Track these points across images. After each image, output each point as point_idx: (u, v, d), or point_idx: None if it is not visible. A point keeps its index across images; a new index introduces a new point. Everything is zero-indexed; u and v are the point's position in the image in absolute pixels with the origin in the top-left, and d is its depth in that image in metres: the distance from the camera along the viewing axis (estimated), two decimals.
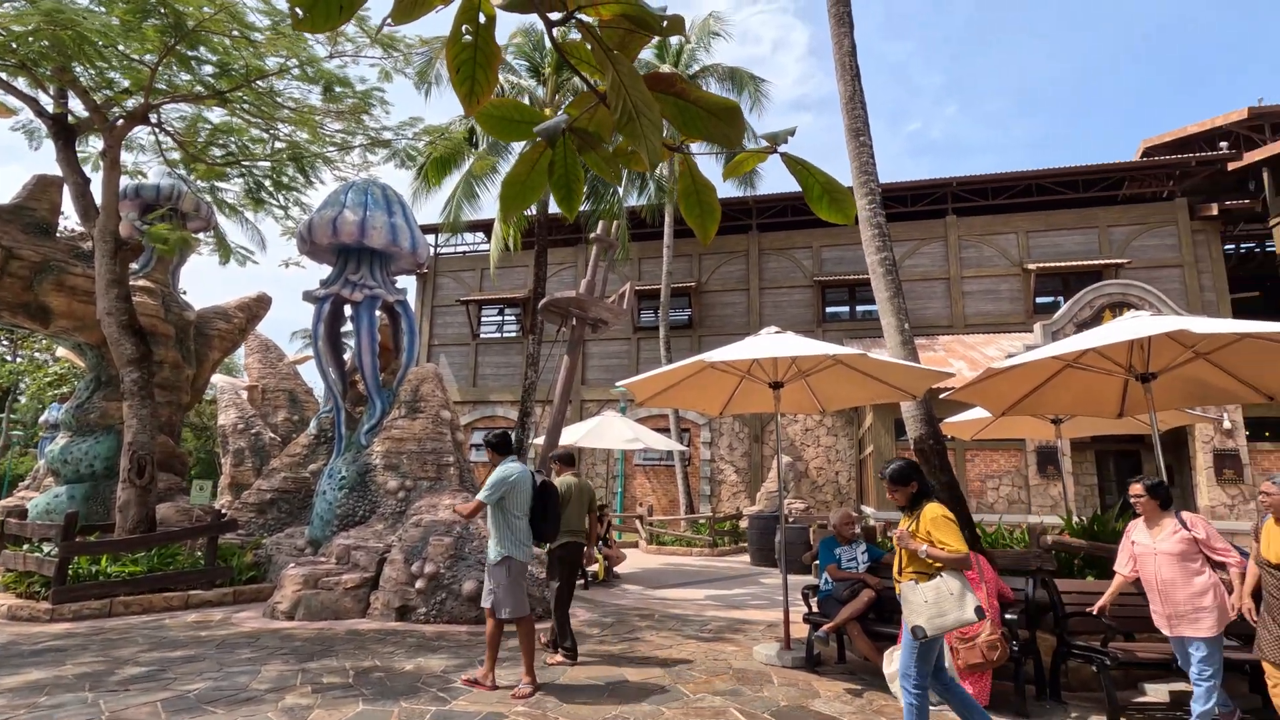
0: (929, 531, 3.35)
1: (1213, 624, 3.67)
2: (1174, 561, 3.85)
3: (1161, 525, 3.97)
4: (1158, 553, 3.92)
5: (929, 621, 3.25)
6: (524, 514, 4.59)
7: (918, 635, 3.25)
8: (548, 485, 4.68)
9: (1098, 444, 12.37)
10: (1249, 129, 16.62)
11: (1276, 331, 4.35)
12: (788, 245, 17.87)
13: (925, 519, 3.38)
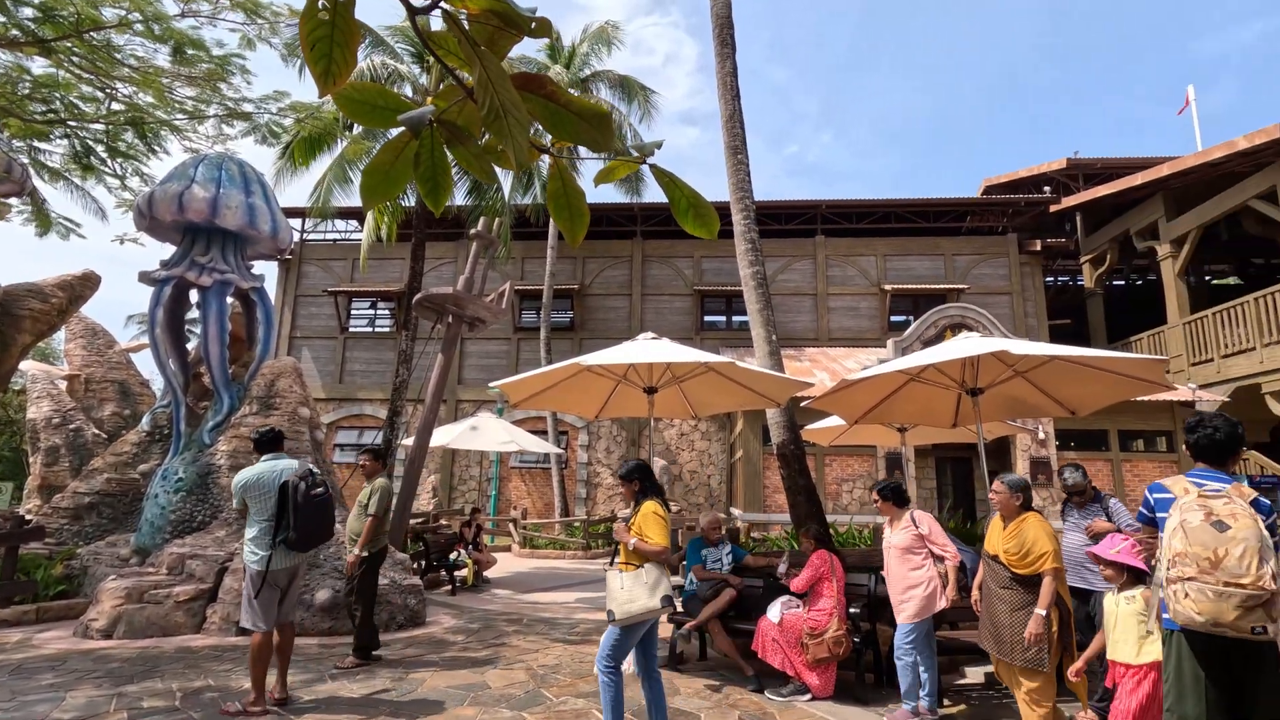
0: (640, 526, 3.59)
1: (914, 611, 4.13)
2: (899, 555, 4.29)
3: (897, 523, 4.43)
4: (890, 546, 4.39)
5: (620, 608, 3.43)
6: (263, 518, 4.19)
7: (609, 619, 3.48)
8: (286, 486, 4.20)
9: (937, 451, 13.65)
10: (1067, 177, 19.04)
11: (1078, 355, 5.00)
12: (670, 254, 18.31)
13: (640, 515, 3.62)
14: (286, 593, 4.31)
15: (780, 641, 4.71)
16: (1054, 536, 3.63)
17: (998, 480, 3.82)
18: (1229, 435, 2.74)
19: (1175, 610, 2.43)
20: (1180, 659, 2.54)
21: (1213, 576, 2.35)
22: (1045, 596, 3.51)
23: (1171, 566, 2.46)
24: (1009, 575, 3.64)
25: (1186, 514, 2.50)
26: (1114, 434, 12.32)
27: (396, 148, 1.71)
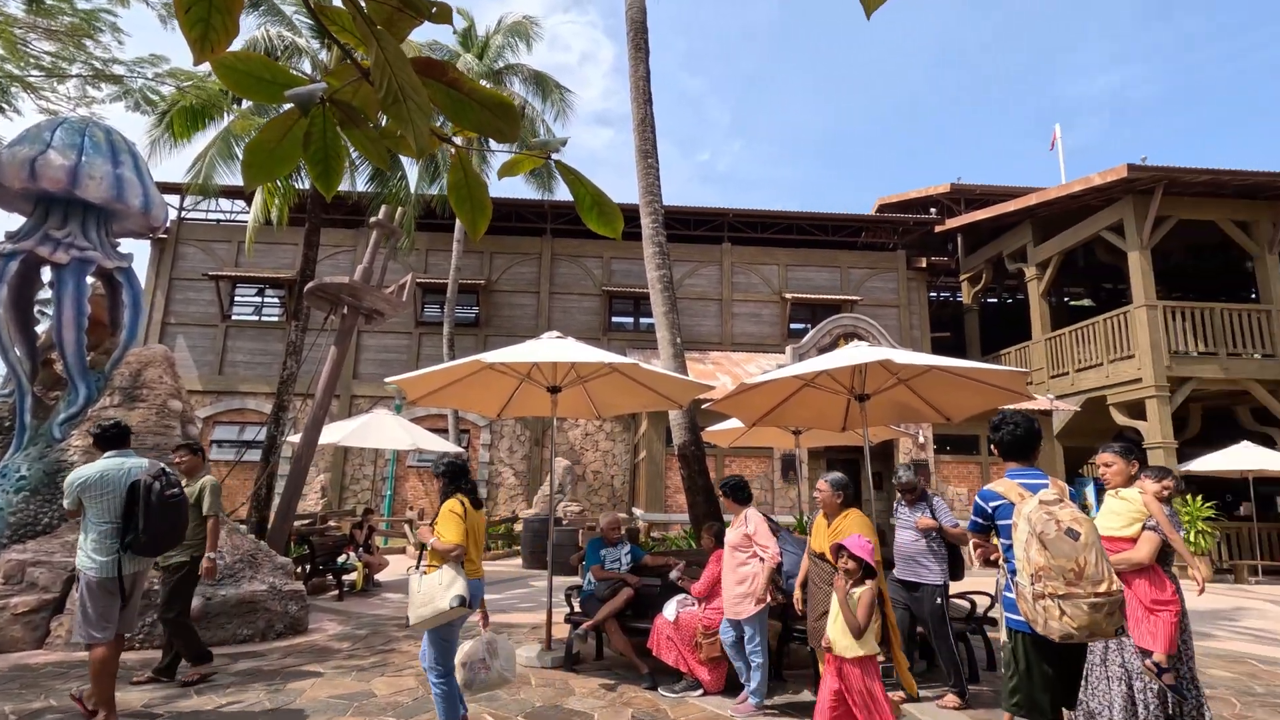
0: (438, 525, 3.61)
1: (751, 608, 4.28)
2: (729, 552, 4.44)
3: (736, 520, 4.60)
4: (726, 544, 4.56)
5: (414, 612, 3.42)
6: (106, 520, 3.84)
7: (407, 624, 3.49)
8: (136, 486, 3.85)
9: (829, 453, 14.34)
10: (951, 200, 20.54)
11: (952, 365, 5.40)
12: (579, 253, 18.26)
13: (439, 513, 3.64)
14: (128, 600, 3.94)
15: (675, 639, 4.80)
16: (874, 529, 3.72)
17: (821, 479, 3.93)
18: (1029, 431, 2.95)
19: (1049, 626, 2.49)
20: (1030, 660, 2.68)
21: (1080, 588, 2.45)
22: None
23: (1037, 581, 2.51)
24: (832, 571, 3.68)
25: (1039, 525, 2.56)
26: (984, 439, 13.38)
27: (284, 125, 1.61)
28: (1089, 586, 2.44)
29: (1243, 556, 12.49)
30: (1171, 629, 3.28)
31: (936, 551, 4.74)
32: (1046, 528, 2.55)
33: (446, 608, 3.33)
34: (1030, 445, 2.95)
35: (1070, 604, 2.45)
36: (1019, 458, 2.95)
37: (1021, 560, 2.58)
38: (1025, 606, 2.58)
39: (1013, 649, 2.78)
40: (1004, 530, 2.81)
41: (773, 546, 4.34)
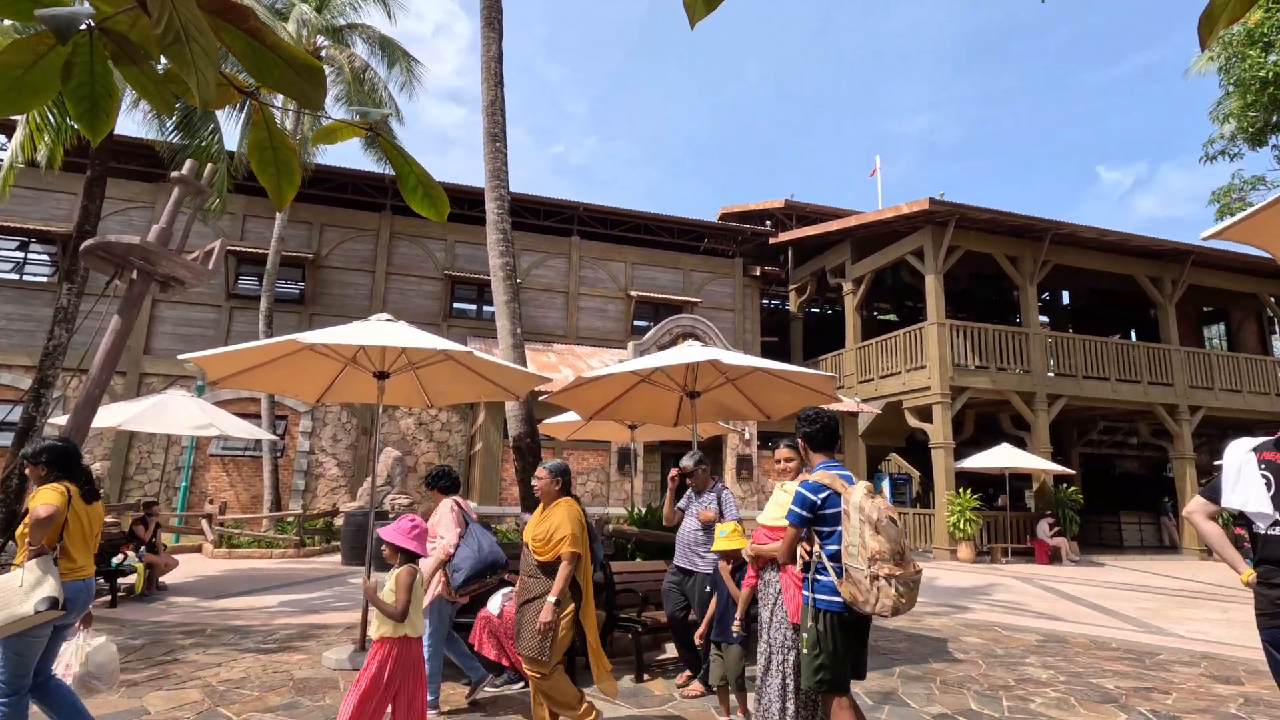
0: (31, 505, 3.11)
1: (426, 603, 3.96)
2: None
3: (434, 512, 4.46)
4: None
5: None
6: None
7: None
8: None
9: (664, 447, 14.89)
10: (785, 215, 22.13)
11: (773, 368, 5.82)
12: (422, 233, 17.38)
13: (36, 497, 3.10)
14: None
15: (499, 633, 4.73)
16: (578, 521, 3.54)
17: (540, 466, 3.74)
18: (835, 426, 3.21)
19: (882, 603, 2.69)
20: (835, 637, 2.87)
21: (905, 568, 2.72)
22: (558, 583, 3.40)
23: (873, 563, 2.70)
24: (535, 562, 3.55)
25: (872, 513, 2.77)
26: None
27: (33, 48, 1.38)
28: (910, 567, 2.74)
29: (997, 541, 14.72)
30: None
31: None
32: (879, 515, 2.76)
33: (30, 612, 2.79)
34: (835, 438, 3.21)
35: (900, 583, 2.68)
36: (827, 450, 3.17)
37: (856, 546, 2.73)
38: (854, 589, 2.72)
39: (822, 631, 2.89)
40: (830, 519, 2.93)
41: (449, 537, 4.15)
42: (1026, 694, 4.72)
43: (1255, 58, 9.58)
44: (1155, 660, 5.85)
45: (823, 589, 2.91)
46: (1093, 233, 15.32)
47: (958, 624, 7.31)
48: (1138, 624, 7.59)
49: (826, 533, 2.95)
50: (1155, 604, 8.99)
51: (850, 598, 2.76)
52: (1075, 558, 14.24)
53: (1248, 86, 9.89)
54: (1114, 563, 14.50)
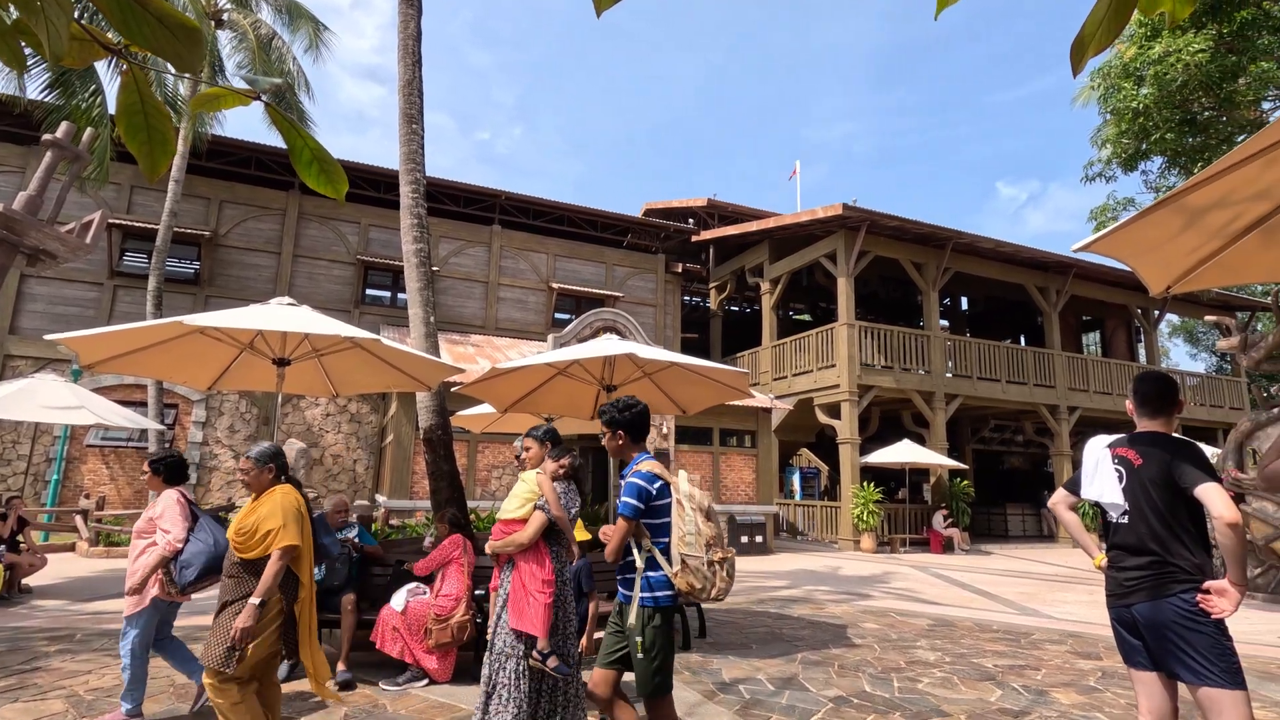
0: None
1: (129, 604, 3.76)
2: (134, 537, 3.91)
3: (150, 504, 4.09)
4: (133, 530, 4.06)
5: None
6: None
7: None
8: None
9: (583, 441, 14.85)
10: (707, 213, 22.49)
11: (689, 363, 5.91)
12: (333, 215, 16.57)
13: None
14: None
15: (401, 630, 4.60)
16: (293, 511, 3.15)
17: (244, 456, 3.31)
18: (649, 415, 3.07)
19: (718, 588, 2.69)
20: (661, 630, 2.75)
21: (728, 554, 2.77)
22: (264, 582, 2.99)
23: (709, 549, 2.70)
24: (236, 560, 3.11)
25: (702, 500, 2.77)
26: (716, 432, 14.94)
27: None
28: (730, 551, 2.80)
29: (897, 532, 15.55)
30: (546, 610, 3.24)
31: None
32: (707, 502, 2.77)
33: None
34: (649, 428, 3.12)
35: (728, 566, 2.74)
36: (644, 439, 3.03)
37: (694, 535, 2.70)
38: (693, 578, 2.67)
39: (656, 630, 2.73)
40: (661, 510, 2.81)
41: (176, 531, 3.71)
42: (915, 675, 5.01)
43: (1129, 90, 10.52)
44: (1029, 640, 6.35)
45: (658, 584, 2.75)
46: (990, 243, 16.39)
47: (858, 611, 7.67)
48: (1016, 607, 8.20)
49: (656, 525, 2.81)
50: (1033, 588, 9.74)
51: (688, 588, 2.67)
52: (966, 547, 15.24)
53: (1122, 115, 10.85)
54: (1000, 551, 15.61)
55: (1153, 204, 2.47)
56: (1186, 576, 2.37)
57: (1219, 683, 2.27)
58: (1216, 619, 2.30)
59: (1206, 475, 2.36)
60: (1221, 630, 2.32)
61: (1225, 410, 20.10)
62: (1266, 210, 2.66)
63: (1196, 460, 2.42)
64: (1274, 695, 4.62)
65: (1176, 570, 2.39)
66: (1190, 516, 2.43)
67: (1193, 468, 2.40)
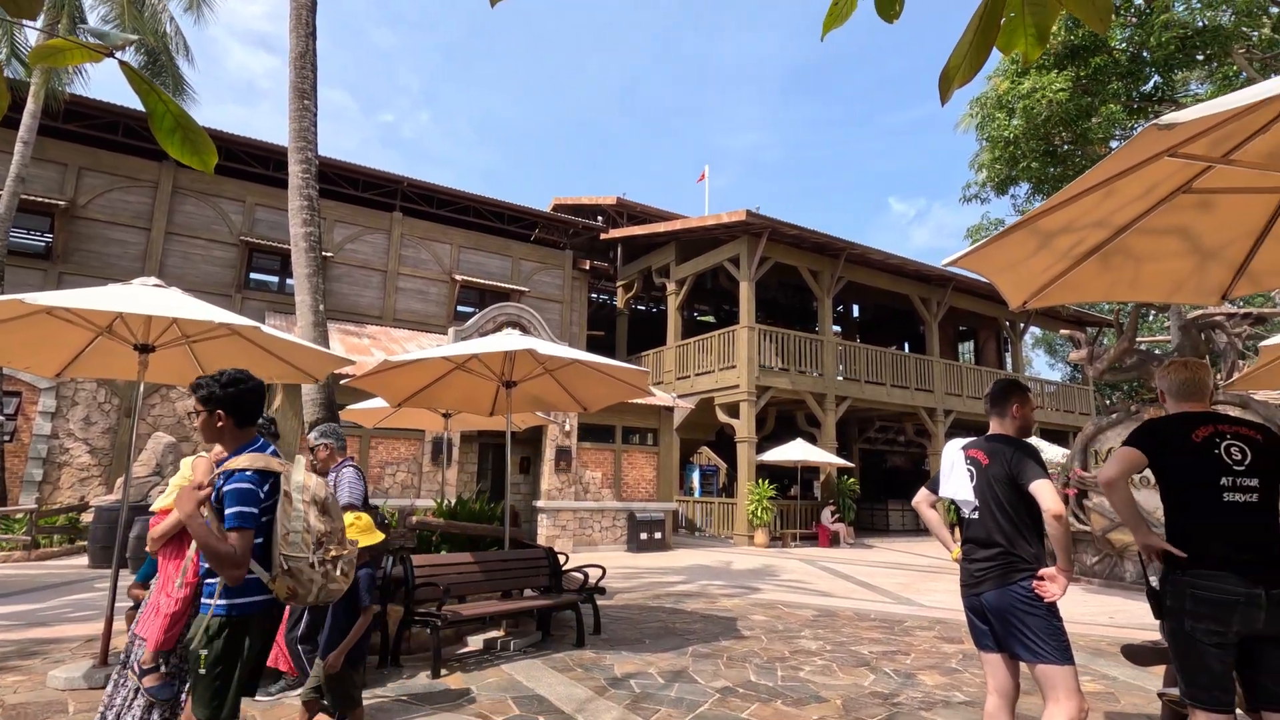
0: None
1: None
2: None
3: None
4: None
5: None
6: None
7: None
8: None
9: (483, 437, 14.54)
10: (616, 212, 22.58)
11: (591, 361, 5.91)
12: (215, 191, 15.36)
13: None
14: None
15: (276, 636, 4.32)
16: None
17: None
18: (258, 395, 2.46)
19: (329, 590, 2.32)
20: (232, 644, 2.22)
21: (346, 549, 2.42)
22: None
23: (320, 547, 2.32)
24: None
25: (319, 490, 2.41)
26: (619, 429, 15.04)
27: None
28: (348, 547, 2.45)
29: (789, 527, 16.23)
30: (167, 621, 2.93)
31: None
32: (325, 493, 2.42)
33: None
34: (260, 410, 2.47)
35: (345, 563, 2.39)
36: (252, 423, 2.43)
37: (300, 533, 2.26)
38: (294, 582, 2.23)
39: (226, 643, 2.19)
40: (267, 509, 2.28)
41: None
42: (798, 664, 5.25)
43: (1002, 120, 11.52)
44: (902, 627, 6.80)
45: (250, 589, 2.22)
46: (880, 255, 17.42)
47: (748, 604, 7.95)
48: (893, 597, 8.76)
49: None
50: (908, 579, 10.44)
51: (287, 593, 2.23)
52: (851, 541, 16.13)
53: (996, 143, 11.86)
54: (881, 544, 16.63)
55: (1011, 225, 2.70)
56: (1026, 565, 2.64)
57: (1052, 659, 2.53)
58: (1049, 602, 2.57)
59: (1040, 473, 2.66)
60: (1053, 612, 2.59)
61: (1075, 415, 22.34)
62: (1104, 237, 2.98)
63: (1032, 459, 2.71)
64: (1105, 670, 5.18)
65: (1018, 560, 2.65)
66: (1029, 511, 2.70)
67: (1029, 466, 2.68)
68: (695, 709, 4.13)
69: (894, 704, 4.33)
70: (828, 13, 1.64)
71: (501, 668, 4.94)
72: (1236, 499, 2.33)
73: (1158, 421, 2.57)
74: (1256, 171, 2.55)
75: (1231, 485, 2.34)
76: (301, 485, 2.36)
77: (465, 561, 5.56)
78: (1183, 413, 2.57)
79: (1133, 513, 2.54)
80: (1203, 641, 2.29)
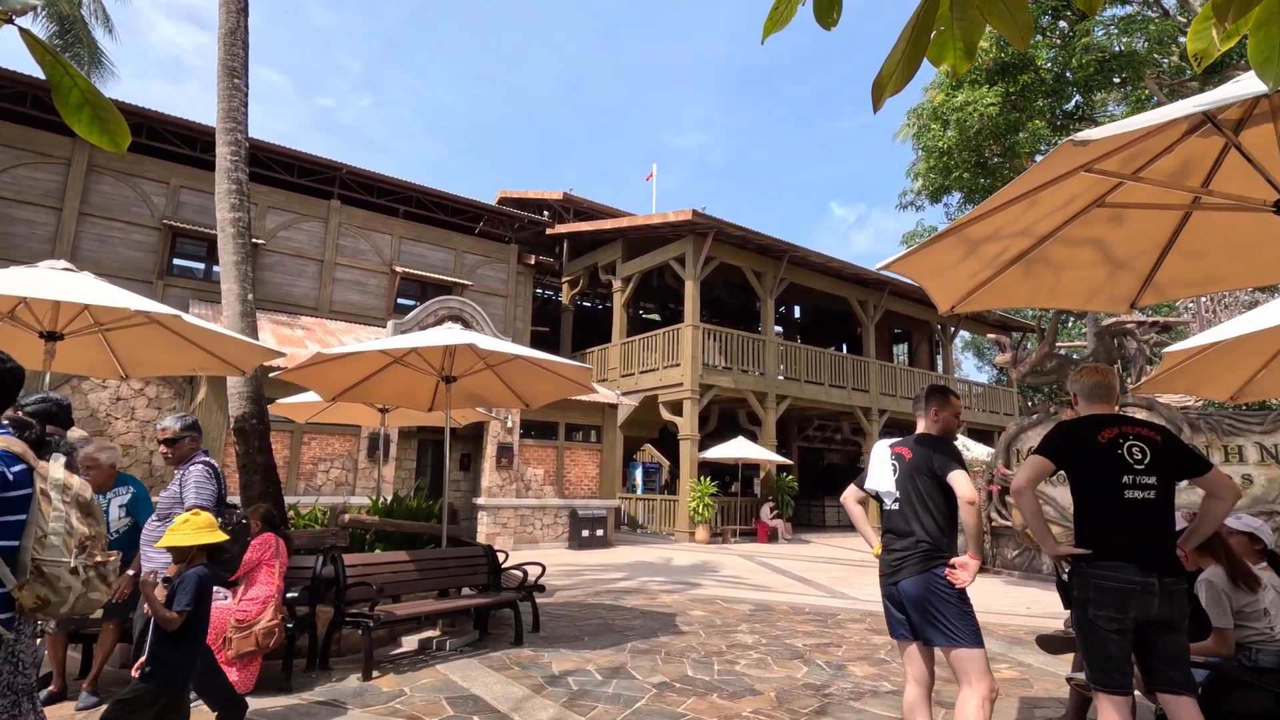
0: None
1: None
2: None
3: None
4: None
5: None
6: None
7: None
8: None
9: (422, 433, 14.22)
10: (563, 207, 22.40)
11: (534, 357, 5.85)
12: (135, 171, 14.48)
13: None
14: None
15: None
16: None
17: None
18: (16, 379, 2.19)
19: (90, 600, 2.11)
20: None
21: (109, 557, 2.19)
22: None
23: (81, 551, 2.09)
24: None
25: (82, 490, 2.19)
26: (562, 426, 14.95)
27: None
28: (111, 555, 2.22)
29: (729, 523, 16.48)
30: None
31: None
32: (89, 494, 2.20)
33: None
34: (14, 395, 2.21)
35: (110, 571, 2.16)
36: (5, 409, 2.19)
37: (61, 535, 2.04)
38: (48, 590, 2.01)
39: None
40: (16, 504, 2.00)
41: None
42: (734, 657, 5.34)
43: (937, 131, 11.99)
44: (835, 620, 7.00)
45: None
46: (820, 258, 17.85)
47: (687, 599, 8.03)
48: (827, 590, 9.01)
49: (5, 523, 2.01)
50: (842, 573, 10.75)
51: (36, 602, 1.98)
52: (789, 536, 16.50)
53: (930, 153, 12.35)
54: (818, 540, 17.07)
55: (941, 231, 2.81)
56: (940, 554, 2.80)
57: (965, 643, 2.68)
58: (959, 589, 2.71)
59: (957, 465, 2.82)
60: (964, 599, 2.73)
61: (1000, 415, 23.45)
62: (1027, 246, 3.14)
63: (949, 453, 2.88)
64: (1021, 657, 5.45)
65: (933, 549, 2.81)
66: (946, 502, 2.86)
67: (946, 458, 2.85)
68: (632, 704, 4.15)
69: (825, 695, 4.45)
70: (768, 16, 1.66)
71: (436, 668, 4.84)
72: (1137, 496, 2.50)
73: (1069, 424, 2.73)
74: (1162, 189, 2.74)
75: (1132, 483, 2.50)
76: (61, 483, 2.12)
77: (400, 560, 5.42)
78: (1092, 415, 2.73)
79: (1039, 522, 2.69)
80: (1104, 628, 2.44)
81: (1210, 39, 1.41)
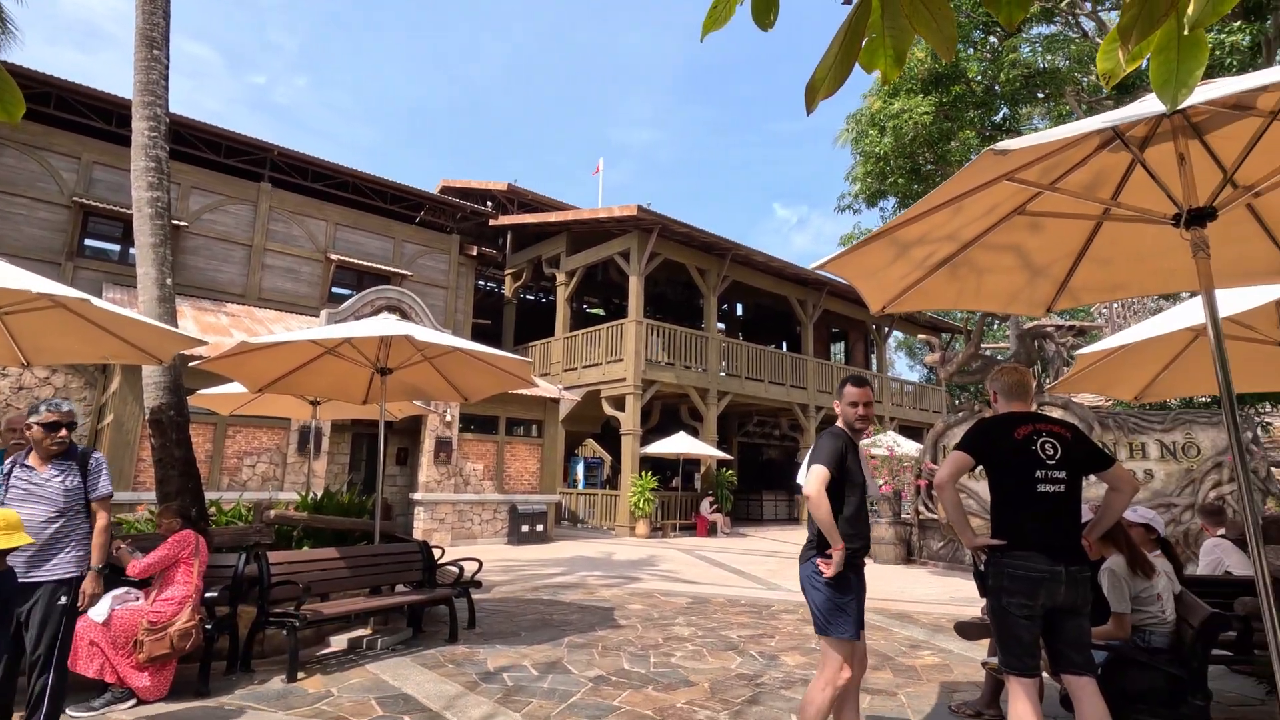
0: None
1: None
2: None
3: None
4: None
5: None
6: None
7: None
8: None
9: (356, 426, 13.78)
10: (507, 198, 22.06)
11: (472, 349, 5.75)
12: (43, 144, 13.48)
13: None
14: None
15: (101, 644, 3.89)
16: None
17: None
18: None
19: None
20: None
21: None
22: None
23: None
24: None
25: None
26: (503, 420, 14.76)
27: None
28: None
29: (669, 518, 16.63)
30: None
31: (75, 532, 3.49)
32: None
33: None
34: None
35: None
36: None
37: None
38: None
39: None
40: None
41: None
42: (670, 650, 5.39)
43: (874, 136, 12.37)
44: (769, 612, 7.16)
45: None
46: (762, 257, 18.17)
47: (626, 593, 8.07)
48: (763, 583, 9.20)
49: None
50: (778, 565, 11.00)
51: None
52: (728, 530, 16.76)
53: (868, 158, 12.72)
54: (755, 533, 17.41)
55: (873, 234, 2.90)
56: (814, 546, 2.98)
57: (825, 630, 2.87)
58: (828, 580, 2.83)
59: (817, 457, 2.95)
60: (838, 589, 2.87)
61: (930, 413, 24.42)
62: (953, 250, 3.27)
63: (820, 445, 3.00)
64: (942, 644, 5.70)
65: (813, 540, 3.00)
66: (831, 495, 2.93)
67: (812, 451, 3.01)
68: (568, 699, 4.14)
69: (757, 684, 4.55)
70: (707, 15, 1.67)
71: (366, 667, 4.72)
72: (1048, 489, 2.64)
73: (987, 421, 2.86)
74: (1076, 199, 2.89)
75: (1044, 477, 2.65)
76: None
77: (329, 557, 5.25)
78: (1010, 413, 2.88)
79: (959, 515, 2.83)
80: (1014, 614, 2.58)
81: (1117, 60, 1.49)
